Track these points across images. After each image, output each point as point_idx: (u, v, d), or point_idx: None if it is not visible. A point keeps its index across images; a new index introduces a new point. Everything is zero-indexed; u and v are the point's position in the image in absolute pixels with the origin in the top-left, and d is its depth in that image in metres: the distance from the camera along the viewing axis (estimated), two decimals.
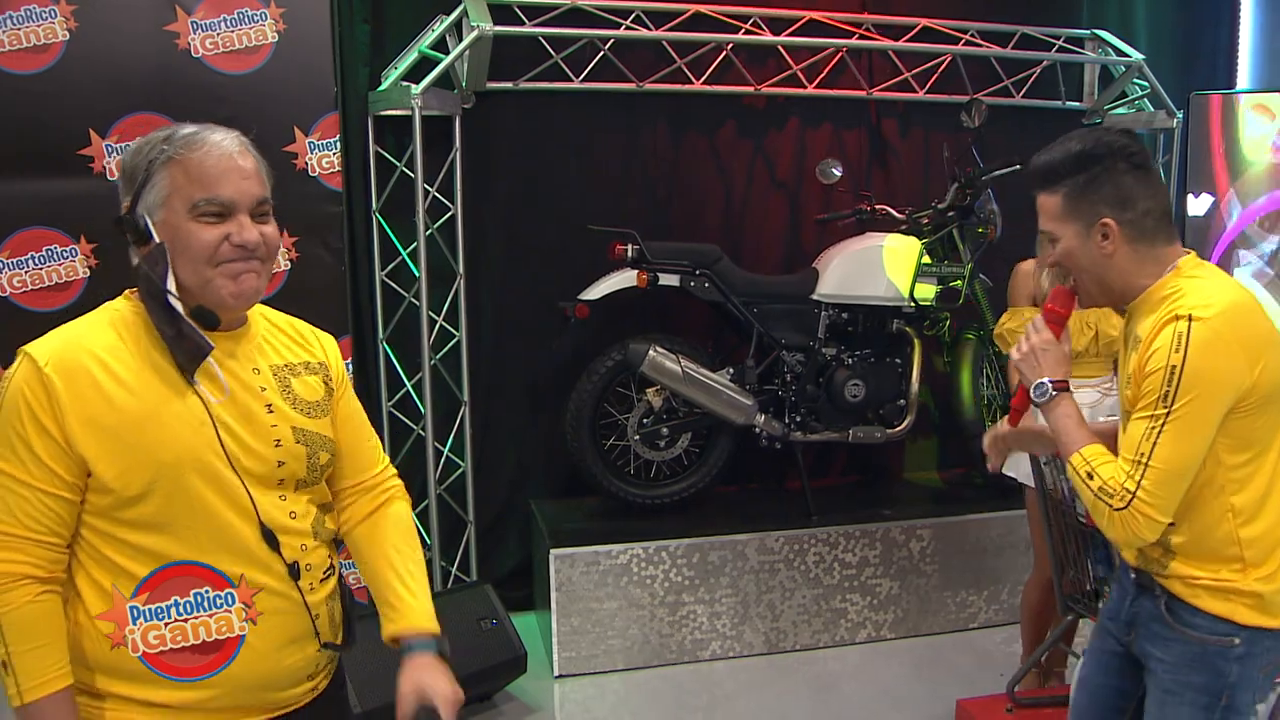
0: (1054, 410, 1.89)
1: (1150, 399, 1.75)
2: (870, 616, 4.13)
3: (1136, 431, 1.77)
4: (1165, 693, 1.89)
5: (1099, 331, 3.19)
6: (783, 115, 4.54)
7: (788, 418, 4.06)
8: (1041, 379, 1.91)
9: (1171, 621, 1.87)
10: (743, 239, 4.52)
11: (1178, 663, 1.87)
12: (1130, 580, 1.98)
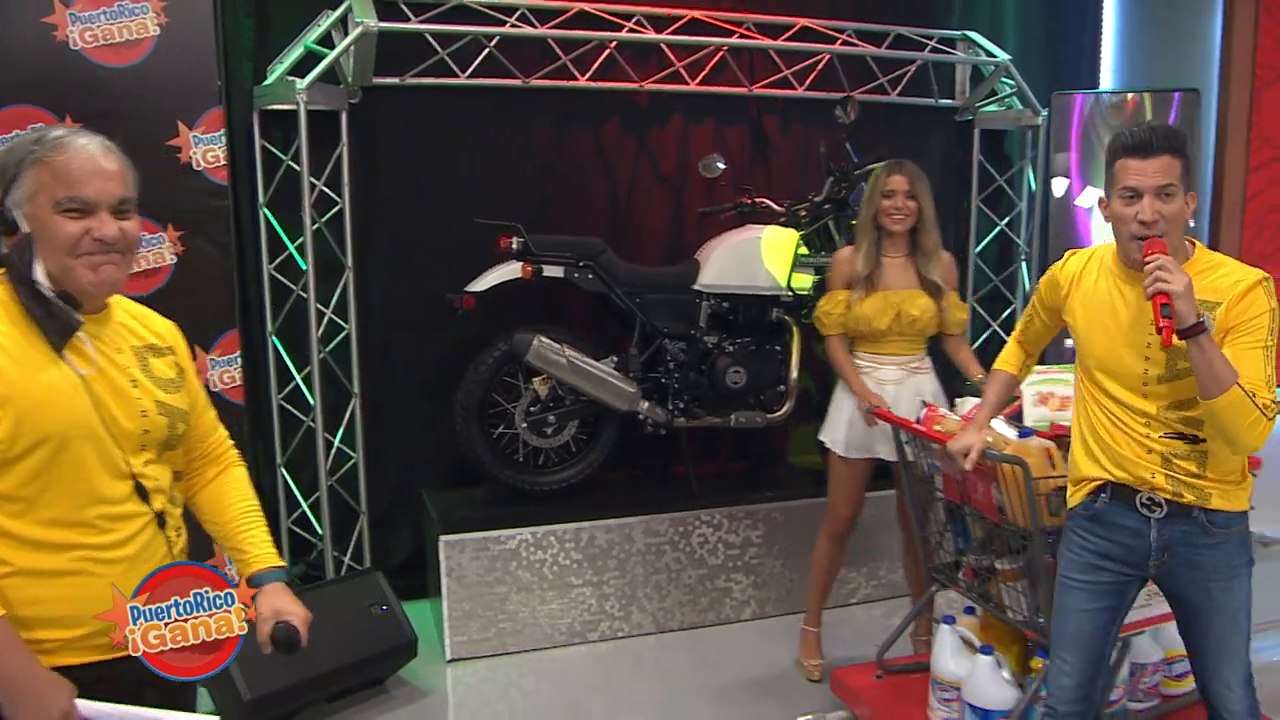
0: (1210, 343, 2.18)
1: (1257, 334, 2.22)
2: (754, 595, 4.32)
3: (1254, 358, 2.21)
4: (1225, 584, 2.38)
5: (901, 312, 3.44)
6: (666, 111, 4.69)
7: (671, 404, 4.20)
8: (1201, 314, 2.19)
9: (1213, 529, 2.34)
10: (627, 232, 4.65)
11: (1229, 557, 2.37)
12: (1149, 519, 2.37)
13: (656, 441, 4.31)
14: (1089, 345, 2.45)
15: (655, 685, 3.84)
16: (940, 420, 3.18)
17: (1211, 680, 2.49)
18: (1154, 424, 2.35)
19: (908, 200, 3.48)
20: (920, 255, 3.53)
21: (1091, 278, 2.47)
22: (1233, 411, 2.17)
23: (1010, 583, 3.02)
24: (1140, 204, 2.26)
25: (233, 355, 4.04)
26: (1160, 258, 2.19)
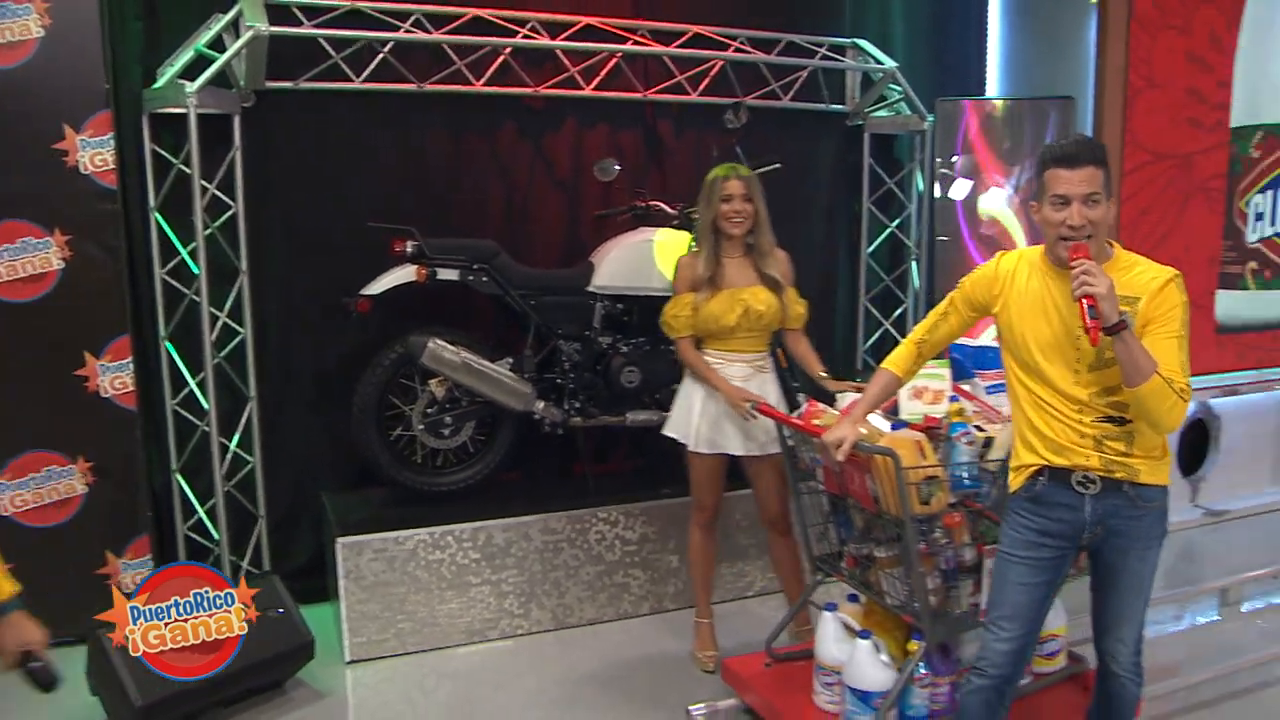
0: (1132, 338, 2.39)
1: (1172, 325, 2.46)
2: (652, 590, 4.42)
3: (1170, 347, 2.44)
4: (1140, 552, 2.64)
5: (748, 308, 3.55)
6: (561, 116, 4.76)
7: (567, 404, 4.29)
8: (1123, 312, 2.40)
9: (1139, 501, 2.58)
10: (524, 235, 4.71)
11: (1150, 528, 2.62)
12: (1085, 495, 2.59)
13: (554, 441, 4.39)
14: (1025, 339, 2.62)
15: (555, 681, 3.90)
16: (820, 415, 3.30)
17: (1106, 635, 2.75)
18: (1086, 410, 2.56)
19: (745, 204, 3.58)
20: (757, 254, 3.65)
21: (1024, 276, 2.65)
22: (1155, 398, 2.40)
23: (888, 570, 3.16)
24: (1069, 210, 2.48)
25: (124, 361, 4.02)
26: (1085, 262, 2.39)
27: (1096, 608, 2.78)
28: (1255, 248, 5.72)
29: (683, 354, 3.70)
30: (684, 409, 3.74)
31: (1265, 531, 5.58)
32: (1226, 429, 5.86)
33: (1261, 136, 5.63)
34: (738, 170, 3.61)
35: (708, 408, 3.67)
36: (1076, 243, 2.47)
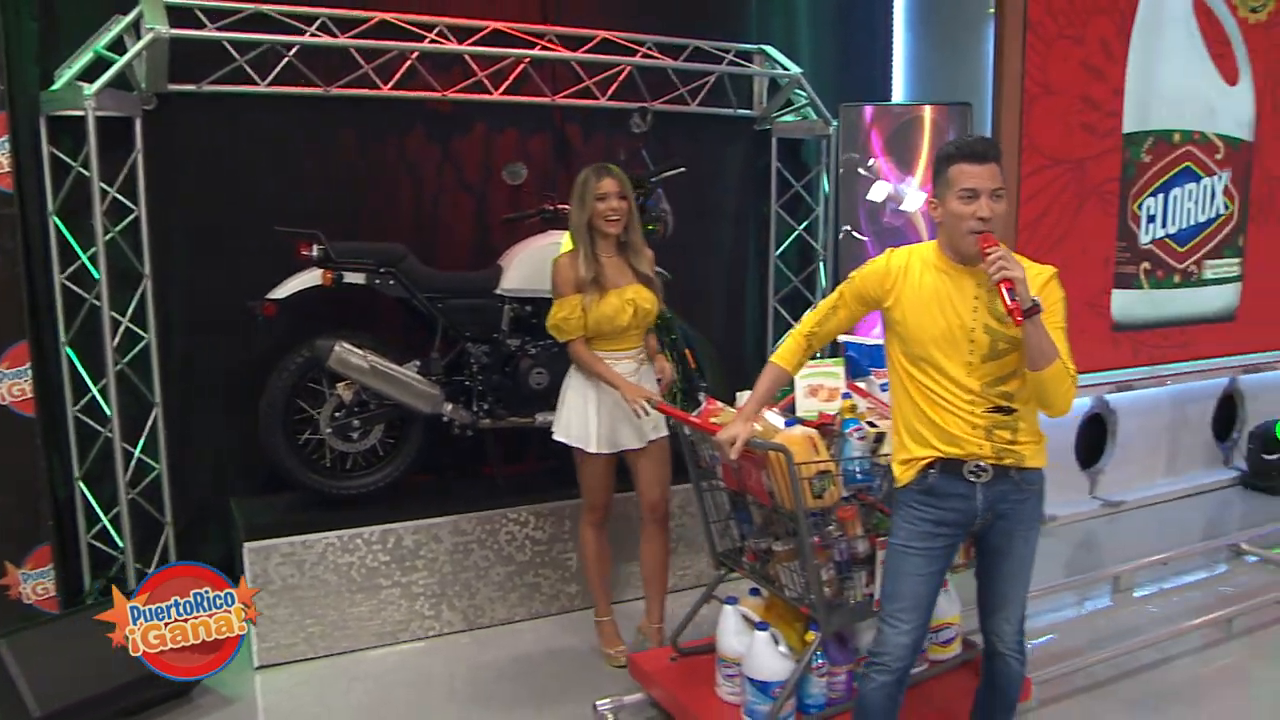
0: (1041, 322, 2.52)
1: (1057, 317, 2.61)
2: (563, 589, 4.47)
3: (1060, 337, 2.57)
4: (1024, 533, 2.78)
5: (637, 307, 3.62)
6: (469, 120, 4.80)
7: (476, 406, 4.32)
8: (1035, 297, 2.52)
9: (1024, 485, 2.71)
10: (433, 238, 4.74)
11: (1032, 511, 2.76)
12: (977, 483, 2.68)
13: (465, 443, 4.42)
14: (920, 333, 2.68)
15: (466, 681, 3.93)
16: (718, 413, 3.37)
17: (993, 616, 2.86)
18: (977, 400, 2.65)
19: (620, 202, 3.63)
20: (630, 252, 3.71)
21: (917, 272, 2.72)
22: (1055, 381, 2.55)
23: (786, 563, 3.24)
24: (978, 203, 2.56)
25: (22, 368, 3.96)
26: (1000, 249, 2.50)
27: (983, 591, 2.89)
28: (1148, 249, 5.93)
29: (577, 355, 3.72)
30: (578, 412, 3.76)
31: (1158, 521, 5.82)
32: (1122, 423, 6.10)
33: (1152, 142, 5.85)
34: (610, 169, 3.64)
35: (604, 408, 3.71)
36: (985, 233, 2.56)
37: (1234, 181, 6.24)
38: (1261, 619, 4.41)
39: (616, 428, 3.73)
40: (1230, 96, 6.17)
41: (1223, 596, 4.67)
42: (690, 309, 5.00)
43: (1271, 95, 6.34)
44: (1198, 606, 4.52)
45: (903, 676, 2.77)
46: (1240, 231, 6.34)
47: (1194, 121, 6.03)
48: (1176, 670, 3.99)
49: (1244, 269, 6.40)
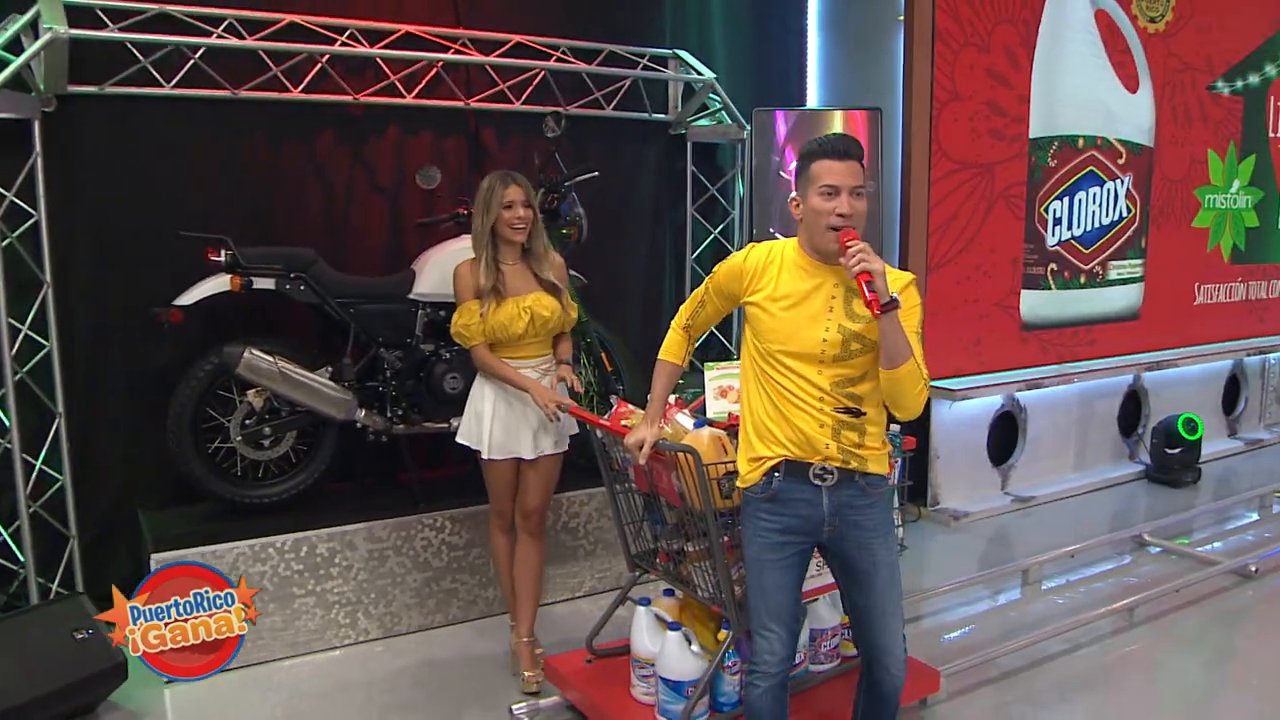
0: (898, 320, 2.52)
1: (913, 321, 2.62)
2: (481, 594, 4.47)
3: (915, 342, 2.58)
4: (877, 540, 2.74)
5: (534, 315, 3.59)
6: (382, 123, 4.77)
7: (390, 412, 4.30)
8: (893, 293, 2.51)
9: (869, 491, 2.71)
10: (345, 242, 4.70)
11: (879, 518, 2.74)
12: (821, 487, 2.68)
13: (380, 449, 4.40)
14: (775, 328, 2.67)
15: (382, 689, 3.90)
16: (628, 415, 3.38)
17: (879, 634, 2.78)
18: (827, 398, 2.65)
19: (526, 209, 3.59)
20: (533, 259, 3.67)
21: (775, 268, 2.71)
22: (909, 380, 2.56)
23: (698, 563, 3.27)
24: (839, 199, 2.58)
25: None
26: (859, 243, 2.51)
27: (859, 609, 2.81)
28: (1055, 250, 6.15)
29: (481, 360, 3.67)
30: (474, 415, 3.74)
31: (1067, 515, 5.99)
32: (1032, 421, 6.27)
33: (1058, 147, 6.06)
34: (515, 177, 3.62)
35: (499, 412, 3.69)
36: (846, 228, 2.58)
37: (1135, 185, 6.49)
38: (1162, 606, 4.57)
39: (512, 433, 3.70)
40: (1131, 103, 6.41)
41: (1127, 586, 4.83)
42: (607, 312, 5.03)
43: (1169, 102, 6.60)
44: (1103, 597, 4.67)
45: (784, 679, 2.79)
46: (1142, 234, 6.60)
47: (1097, 127, 6.25)
48: (1082, 659, 4.10)
49: (1146, 270, 6.66)
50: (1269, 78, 7.27)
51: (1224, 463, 7.10)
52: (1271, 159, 7.40)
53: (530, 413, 3.67)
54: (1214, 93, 6.91)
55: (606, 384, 4.72)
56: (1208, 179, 6.96)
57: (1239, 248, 7.27)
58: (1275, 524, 5.82)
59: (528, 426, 3.69)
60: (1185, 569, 5.02)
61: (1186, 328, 6.99)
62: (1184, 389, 7.06)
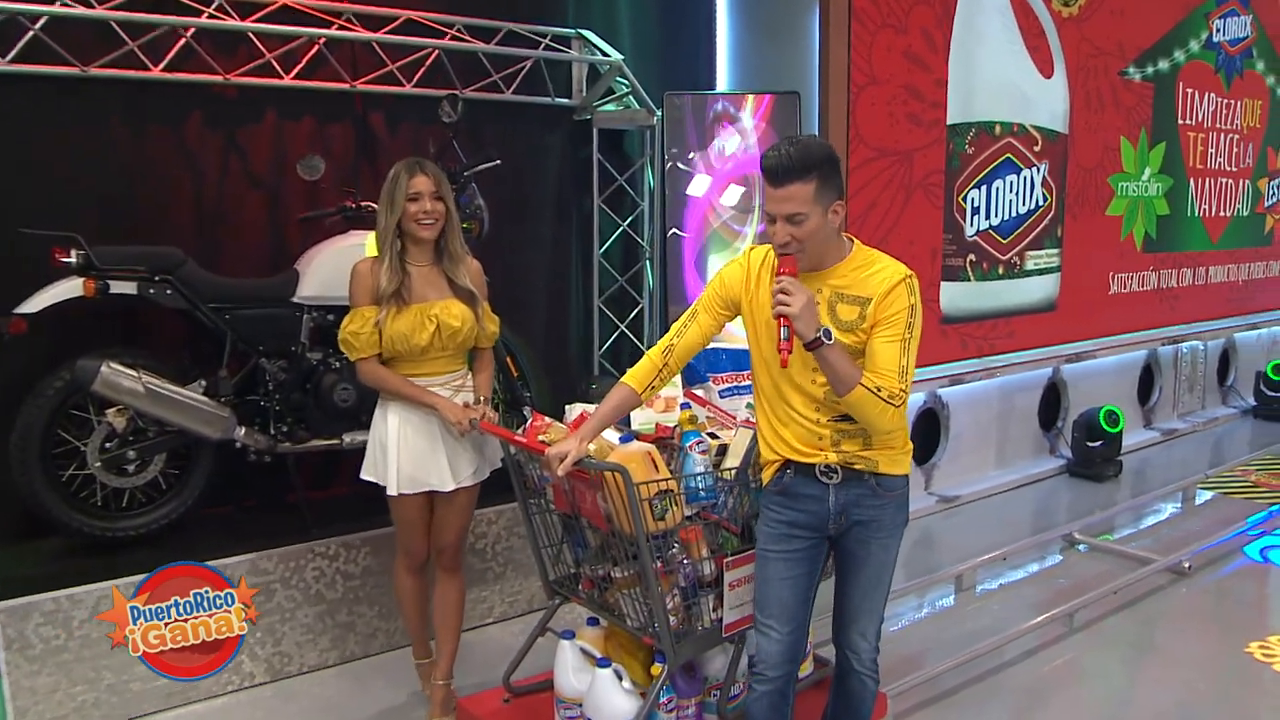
0: (834, 350, 2.44)
1: (896, 328, 2.50)
2: (381, 626, 4.13)
3: (891, 351, 2.49)
4: (883, 541, 2.72)
5: (440, 324, 3.27)
6: (258, 107, 4.41)
7: (274, 429, 3.98)
8: (823, 326, 2.44)
9: (881, 491, 2.66)
10: (219, 240, 4.36)
11: (891, 517, 2.70)
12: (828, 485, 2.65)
13: (265, 470, 4.05)
14: (765, 337, 2.64)
15: None
16: (545, 429, 3.14)
17: (847, 629, 2.82)
18: (822, 408, 2.62)
19: (435, 203, 3.24)
20: (448, 261, 3.33)
21: (768, 273, 2.64)
22: (862, 406, 2.49)
23: (626, 590, 3.05)
24: (775, 227, 2.51)
25: None
26: (784, 280, 2.44)
27: (839, 602, 2.85)
28: (973, 240, 6.07)
29: (370, 376, 3.30)
30: (378, 446, 3.36)
31: (993, 514, 5.93)
32: (955, 417, 6.17)
33: (975, 133, 5.98)
34: (424, 165, 3.28)
35: (406, 439, 3.32)
36: (785, 256, 2.51)
37: (1051, 173, 6.47)
38: (1100, 610, 4.51)
39: (422, 463, 3.32)
40: (1046, 89, 6.38)
41: (1061, 589, 4.75)
42: (509, 312, 4.67)
43: (1083, 88, 6.59)
44: (1040, 602, 4.59)
45: (784, 686, 2.77)
46: (1058, 223, 6.58)
47: (1013, 113, 6.20)
48: (1026, 670, 4.00)
49: (1062, 260, 6.65)
50: (1178, 63, 7.34)
51: (1141, 454, 7.16)
52: (1180, 146, 7.48)
53: (445, 437, 3.33)
54: (1126, 78, 6.93)
55: (513, 390, 4.47)
56: (1120, 166, 6.98)
57: (1151, 236, 7.33)
58: (1199, 517, 5.84)
59: (441, 454, 3.33)
60: (1118, 568, 4.97)
61: (1102, 318, 7.00)
62: (1101, 380, 7.09)
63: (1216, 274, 7.96)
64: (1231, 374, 8.48)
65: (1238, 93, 7.92)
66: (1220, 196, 7.91)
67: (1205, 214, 7.85)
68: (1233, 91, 7.87)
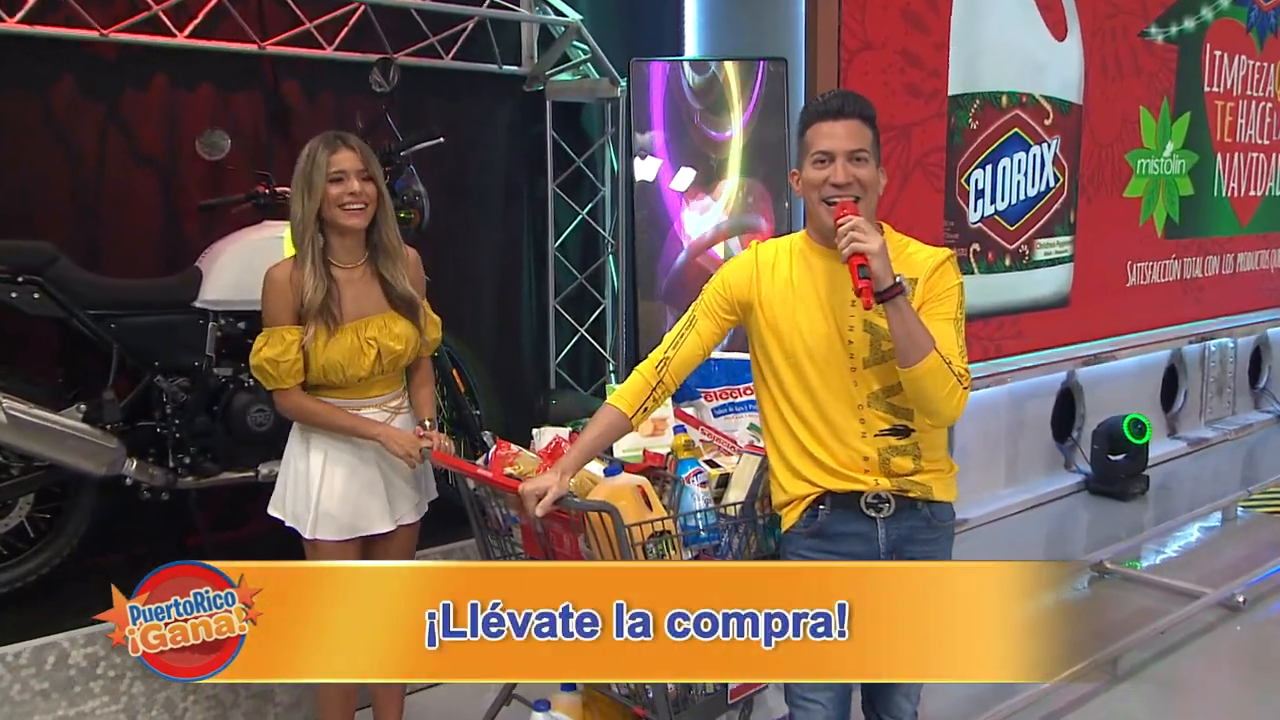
0: (908, 306, 2.36)
1: (948, 306, 2.48)
2: (305, 691, 3.82)
3: (946, 329, 2.44)
4: None
5: (381, 349, 3.01)
6: (145, 71, 4.17)
7: (173, 460, 3.77)
8: (898, 275, 2.35)
9: (935, 523, 2.57)
10: (100, 233, 4.14)
11: (944, 554, 2.62)
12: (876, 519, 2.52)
13: (162, 509, 3.83)
14: (790, 337, 2.55)
15: None
16: (512, 460, 2.92)
17: (888, 691, 2.69)
18: (867, 418, 2.51)
19: (364, 183, 2.96)
20: (382, 258, 3.04)
21: (785, 265, 2.61)
22: (932, 378, 2.37)
23: None
24: (833, 166, 2.46)
25: None
26: (852, 218, 2.37)
27: None
28: (977, 228, 5.98)
29: (292, 409, 3.05)
30: (297, 481, 3.09)
31: (1007, 540, 5.80)
32: (959, 429, 5.99)
33: (979, 106, 5.89)
34: (346, 139, 3.00)
35: (332, 475, 3.05)
36: (843, 201, 2.45)
37: (1063, 150, 6.40)
38: (1146, 654, 4.33)
39: (353, 505, 3.07)
40: (1058, 53, 6.30)
41: (1097, 631, 4.48)
42: (451, 316, 4.51)
43: (1099, 52, 6.52)
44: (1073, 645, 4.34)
45: None
46: (1071, 206, 6.52)
47: (1021, 82, 6.12)
48: None
49: (1075, 248, 6.59)
50: (1205, 22, 7.31)
51: (1167, 467, 7.08)
52: (1207, 117, 7.46)
53: (380, 469, 3.08)
54: (1147, 40, 6.88)
55: (460, 408, 4.33)
56: (1140, 141, 6.94)
57: (1173, 220, 7.30)
58: (1243, 541, 5.74)
59: (378, 491, 3.07)
60: (1157, 602, 4.80)
61: (1119, 313, 6.96)
62: (1120, 384, 7.03)
63: (1246, 262, 7.98)
64: (1265, 375, 8.48)
65: (1272, 54, 7.95)
66: (1251, 174, 7.93)
67: (1234, 194, 7.84)
68: (1266, 53, 7.89)
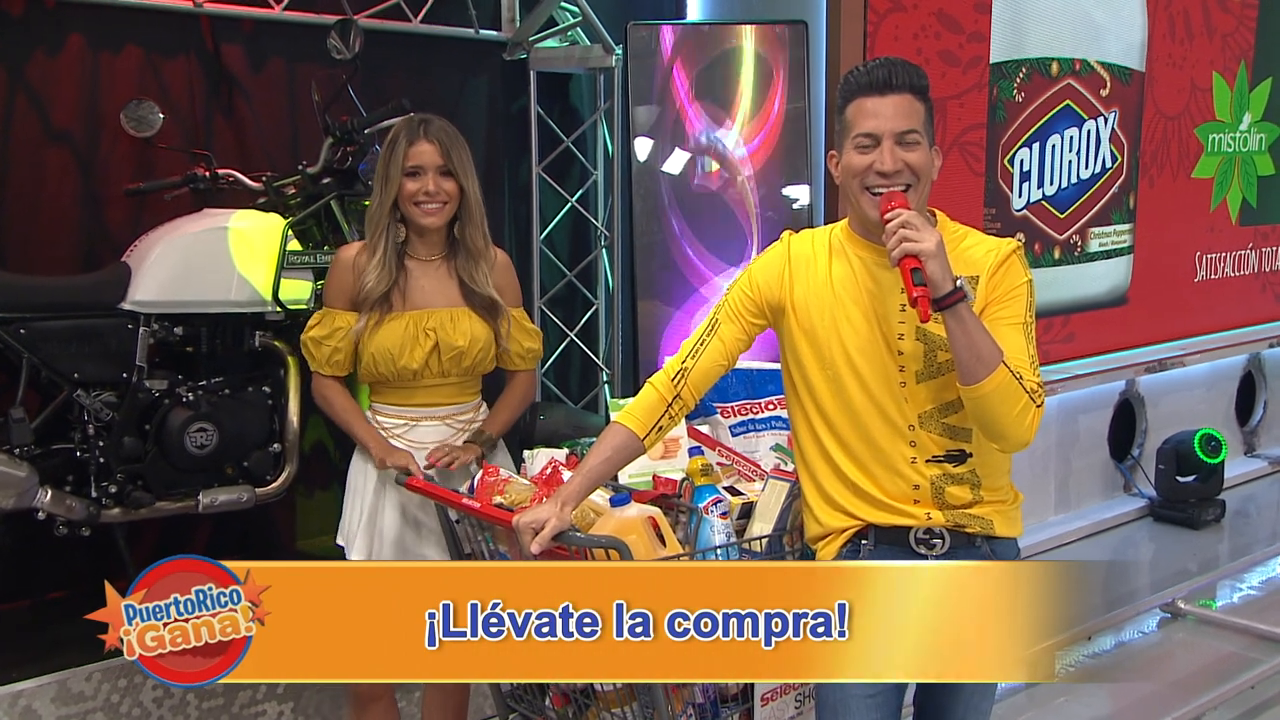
0: (970, 314, 2.32)
1: (1016, 308, 2.45)
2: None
3: (1015, 336, 2.41)
4: None
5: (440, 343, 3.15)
6: (58, 30, 4.15)
7: (96, 489, 3.72)
8: (959, 276, 2.32)
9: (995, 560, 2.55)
10: (7, 224, 4.12)
11: None
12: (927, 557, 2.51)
13: (82, 547, 3.82)
14: (828, 345, 2.55)
15: None
16: (501, 487, 2.94)
17: None
18: (918, 441, 2.51)
19: (443, 180, 3.13)
20: (464, 258, 3.22)
21: (823, 261, 2.60)
22: (999, 396, 2.34)
23: (616, 709, 2.88)
24: (878, 151, 2.44)
25: None
26: (902, 213, 2.34)
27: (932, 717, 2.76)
28: (1023, 215, 6.01)
29: (318, 391, 3.29)
30: (354, 503, 3.28)
31: None
32: None
33: (1025, 75, 5.91)
34: (430, 125, 3.15)
35: (387, 496, 3.21)
36: (891, 192, 2.42)
37: (1122, 125, 6.42)
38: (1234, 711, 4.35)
39: (415, 525, 3.25)
40: (1117, 11, 6.33)
41: (1175, 682, 4.59)
42: None
43: (1166, 10, 6.54)
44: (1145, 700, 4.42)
45: None
46: (1130, 190, 6.54)
47: (1075, 47, 6.14)
48: None
49: (1135, 238, 6.61)
50: None
51: (1244, 490, 7.06)
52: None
53: None
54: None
55: None
56: (1212, 113, 6.94)
57: (1250, 204, 7.31)
58: None
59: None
60: (1242, 649, 4.83)
61: (1186, 313, 6.96)
62: (1188, 395, 7.04)
63: None
64: None
65: None
66: None
67: None
68: None
